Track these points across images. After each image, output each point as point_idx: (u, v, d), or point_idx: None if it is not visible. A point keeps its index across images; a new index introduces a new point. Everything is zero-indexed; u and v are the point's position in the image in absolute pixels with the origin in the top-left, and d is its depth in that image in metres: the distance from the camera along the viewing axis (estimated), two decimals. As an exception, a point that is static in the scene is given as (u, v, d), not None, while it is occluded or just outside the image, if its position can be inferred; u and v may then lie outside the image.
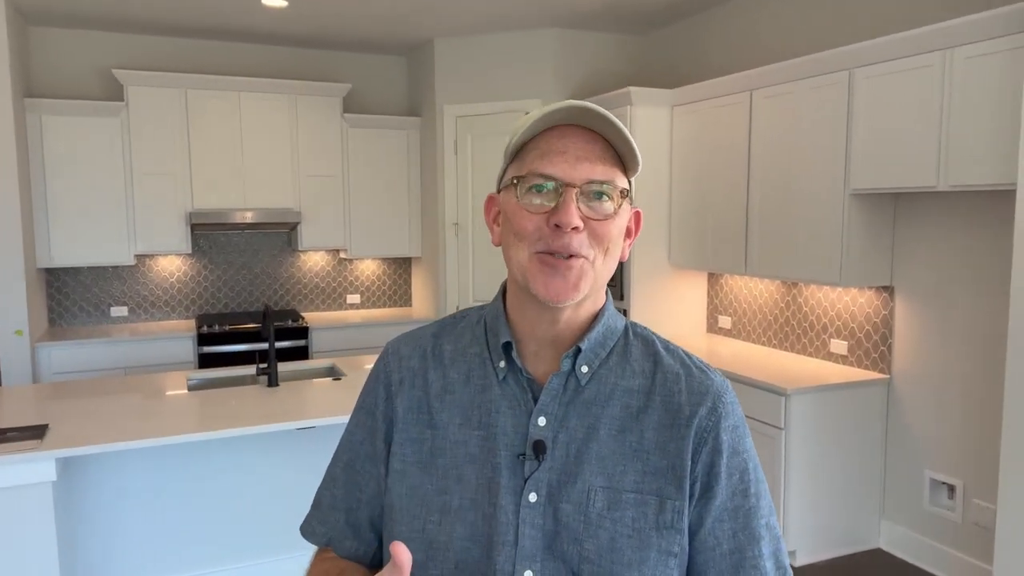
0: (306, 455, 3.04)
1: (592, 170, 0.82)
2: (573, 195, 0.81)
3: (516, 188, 0.84)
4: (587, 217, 0.82)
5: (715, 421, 0.86)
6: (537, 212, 0.82)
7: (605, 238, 0.83)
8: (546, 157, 0.82)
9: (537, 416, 0.85)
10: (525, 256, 0.83)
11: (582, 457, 0.84)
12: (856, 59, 3.12)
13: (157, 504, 2.87)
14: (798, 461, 3.27)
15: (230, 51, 5.20)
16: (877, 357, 3.45)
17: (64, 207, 4.61)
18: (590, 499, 0.82)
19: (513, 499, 0.83)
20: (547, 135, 0.84)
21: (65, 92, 4.81)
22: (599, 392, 0.87)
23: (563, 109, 0.82)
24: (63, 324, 4.95)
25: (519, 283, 0.85)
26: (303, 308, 5.56)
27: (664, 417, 0.86)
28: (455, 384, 0.90)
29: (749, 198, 3.77)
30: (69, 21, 4.65)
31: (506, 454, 0.85)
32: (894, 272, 3.36)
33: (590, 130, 0.84)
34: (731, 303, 4.38)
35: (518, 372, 0.88)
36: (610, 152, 0.84)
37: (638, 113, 4.25)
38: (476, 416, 0.88)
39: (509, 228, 0.85)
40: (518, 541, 0.82)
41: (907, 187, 2.95)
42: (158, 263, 5.15)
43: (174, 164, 4.83)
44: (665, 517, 0.83)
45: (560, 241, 0.81)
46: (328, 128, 5.20)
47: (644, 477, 0.84)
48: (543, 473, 0.84)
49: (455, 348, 0.93)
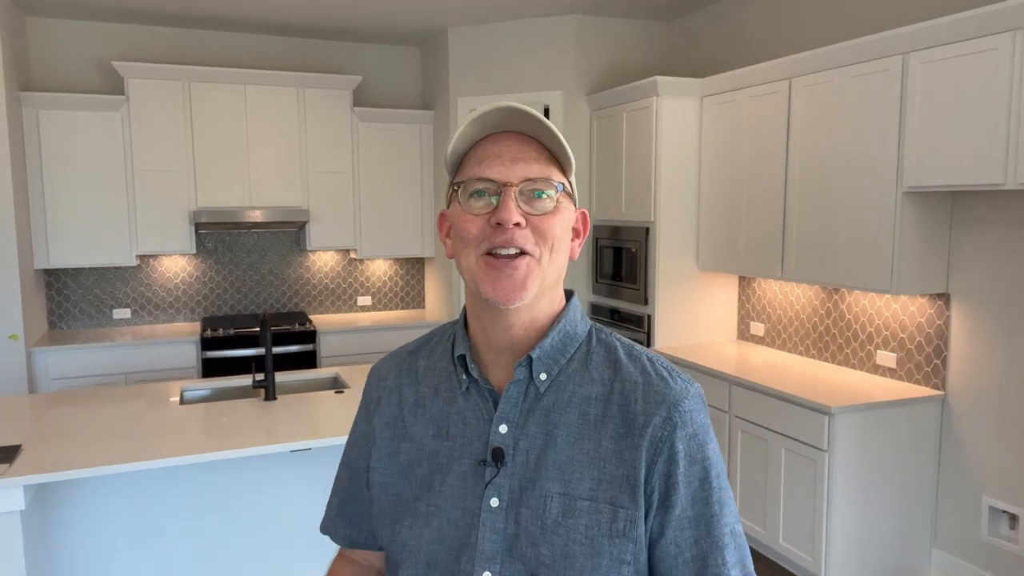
0: (302, 478, 2.79)
1: (528, 169, 0.85)
2: (512, 193, 0.84)
3: (458, 195, 0.87)
4: (528, 214, 0.84)
5: (670, 431, 0.85)
6: (479, 214, 0.85)
7: (548, 234, 0.85)
8: (483, 163, 0.85)
9: (498, 423, 0.88)
10: (472, 259, 0.85)
11: (541, 464, 0.86)
12: (911, 42, 2.81)
13: (143, 530, 2.65)
14: (842, 485, 2.98)
15: (235, 42, 4.97)
16: (930, 371, 3.15)
17: (63, 205, 4.42)
18: (546, 505, 0.84)
19: (476, 504, 0.86)
20: (482, 143, 0.87)
21: (64, 85, 4.62)
22: (557, 399, 0.88)
23: (490, 113, 0.85)
24: (63, 327, 4.76)
25: (471, 290, 0.88)
26: (312, 310, 5.34)
27: (621, 426, 0.86)
28: (426, 398, 0.95)
29: (787, 196, 3.47)
30: (68, 11, 4.44)
31: (471, 462, 0.88)
32: (950, 278, 3.05)
33: (523, 134, 0.87)
34: (764, 308, 4.08)
35: (478, 383, 0.90)
36: (545, 153, 0.87)
37: (665, 104, 3.96)
38: (445, 427, 0.91)
39: (456, 236, 0.88)
40: (478, 543, 0.85)
41: (970, 185, 2.64)
42: (162, 263, 4.95)
43: (177, 160, 4.61)
44: (618, 526, 0.83)
45: (503, 237, 0.83)
46: (337, 122, 4.96)
47: (599, 485, 0.84)
48: (504, 479, 0.86)
49: (427, 363, 0.97)
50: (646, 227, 4.09)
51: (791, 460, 3.13)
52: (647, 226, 4.09)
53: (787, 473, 3.16)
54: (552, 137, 0.86)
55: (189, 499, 2.68)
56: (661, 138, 3.98)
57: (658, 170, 3.99)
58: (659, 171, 3.99)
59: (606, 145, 4.45)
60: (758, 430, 3.30)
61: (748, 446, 3.38)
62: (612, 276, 4.39)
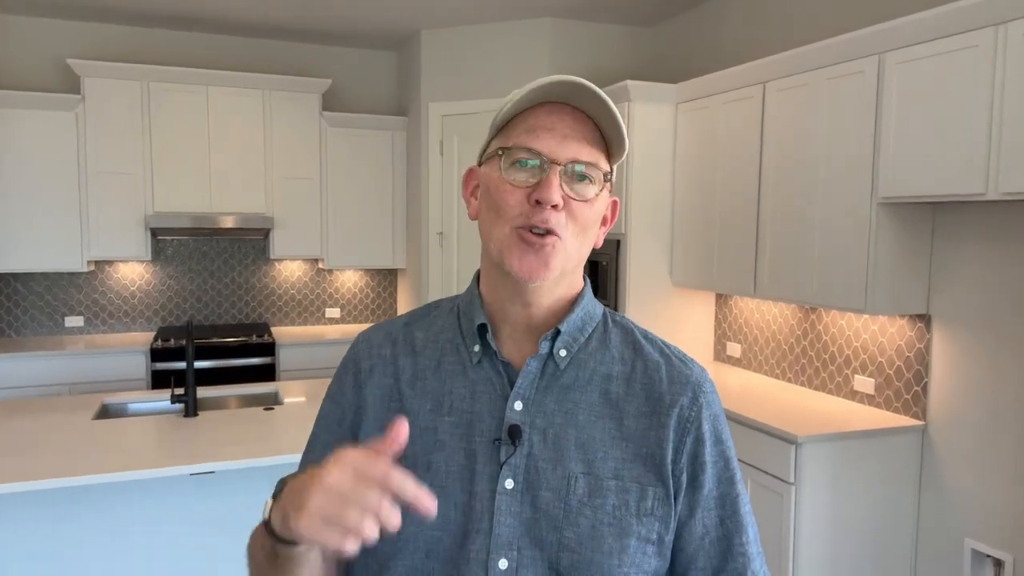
0: (204, 505, 2.53)
1: (579, 150, 0.82)
2: (557, 172, 0.80)
3: (500, 160, 0.83)
4: (567, 197, 0.81)
5: (697, 411, 0.86)
6: (520, 187, 0.81)
7: (582, 220, 0.83)
8: (533, 132, 0.82)
9: (513, 400, 0.84)
10: (506, 231, 0.82)
11: (560, 443, 0.83)
12: (886, 41, 2.59)
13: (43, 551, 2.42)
14: (811, 523, 2.72)
15: (198, 42, 4.80)
16: (910, 399, 2.89)
17: (13, 207, 4.24)
18: (570, 486, 0.81)
19: (489, 485, 0.81)
20: (536, 111, 0.83)
21: (18, 83, 4.45)
22: (578, 377, 0.86)
23: (556, 83, 0.80)
24: (12, 334, 4.57)
25: (494, 259, 0.84)
26: (277, 322, 5.13)
27: (644, 405, 0.85)
28: (426, 371, 0.89)
29: (760, 207, 3.24)
30: (23, 7, 4.29)
31: (481, 440, 0.83)
32: (931, 298, 2.81)
33: (580, 111, 0.83)
34: (741, 328, 3.83)
35: (493, 356, 0.87)
36: (597, 135, 0.84)
37: (637, 111, 3.74)
38: (447, 402, 0.86)
39: (489, 202, 0.84)
40: (493, 529, 0.80)
41: (948, 195, 2.40)
42: (118, 270, 4.76)
43: (134, 163, 4.43)
44: (646, 504, 0.82)
45: (539, 216, 0.80)
46: (305, 127, 4.78)
47: (624, 464, 0.83)
48: (519, 459, 0.82)
49: (426, 336, 0.92)
50: (617, 240, 3.86)
51: (757, 493, 2.88)
52: (618, 239, 3.86)
53: (754, 506, 2.90)
54: (611, 120, 0.82)
55: (94, 522, 2.45)
56: (633, 145, 3.76)
57: (629, 180, 3.77)
58: (630, 181, 3.77)
59: (579, 153, 4.24)
60: (724, 459, 3.05)
61: (714, 476, 3.13)
62: (584, 291, 4.16)
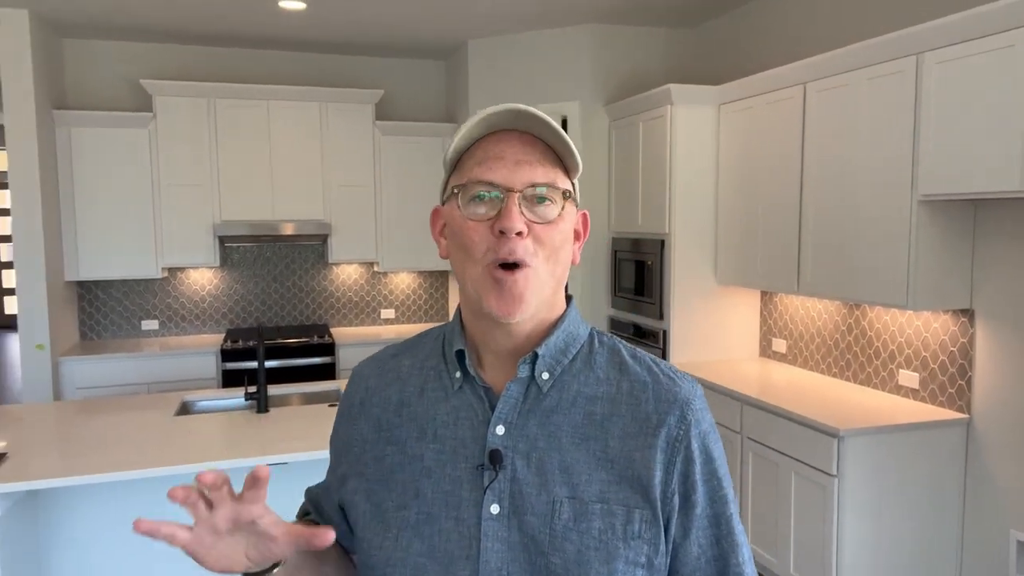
0: (280, 492, 2.74)
1: (532, 173, 0.81)
2: (515, 200, 0.79)
3: (458, 198, 0.83)
4: (531, 222, 0.80)
5: (685, 430, 0.84)
6: (482, 220, 0.81)
7: (550, 243, 0.82)
8: (484, 163, 0.81)
9: (495, 425, 0.83)
10: (479, 271, 0.81)
11: (544, 467, 0.82)
12: (923, 42, 2.63)
13: (130, 538, 2.66)
14: (855, 515, 2.79)
15: (257, 58, 5.07)
16: (954, 393, 2.93)
17: (93, 219, 4.57)
18: (555, 511, 0.80)
19: (475, 512, 0.81)
20: (484, 142, 0.83)
21: (96, 103, 4.78)
22: (561, 400, 0.84)
23: (496, 113, 0.81)
24: (94, 337, 4.91)
25: (472, 298, 0.83)
26: (336, 323, 5.37)
27: (631, 425, 0.84)
28: (411, 398, 0.89)
29: (802, 206, 3.30)
30: (100, 32, 4.61)
31: (465, 466, 0.83)
32: (974, 293, 2.84)
33: (527, 133, 0.82)
34: (786, 325, 3.89)
35: (473, 381, 0.86)
36: (550, 154, 0.83)
37: (679, 113, 3.83)
38: (431, 429, 0.86)
39: (456, 242, 0.84)
40: (480, 555, 0.79)
41: (988, 192, 2.44)
42: (189, 276, 5.06)
43: (202, 175, 4.72)
44: (633, 527, 0.80)
45: (505, 248, 0.79)
46: (359, 136, 5.00)
47: (610, 487, 0.81)
48: (504, 484, 0.81)
49: (412, 363, 0.92)
50: (661, 240, 3.96)
51: (801, 485, 2.95)
52: (662, 239, 3.95)
53: (797, 499, 2.98)
54: (557, 138, 0.82)
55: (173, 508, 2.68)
56: (676, 147, 3.85)
57: (672, 181, 3.87)
58: (673, 182, 3.87)
59: (623, 155, 4.35)
60: (769, 452, 3.13)
61: (759, 469, 3.21)
62: (633, 290, 4.27)
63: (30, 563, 2.52)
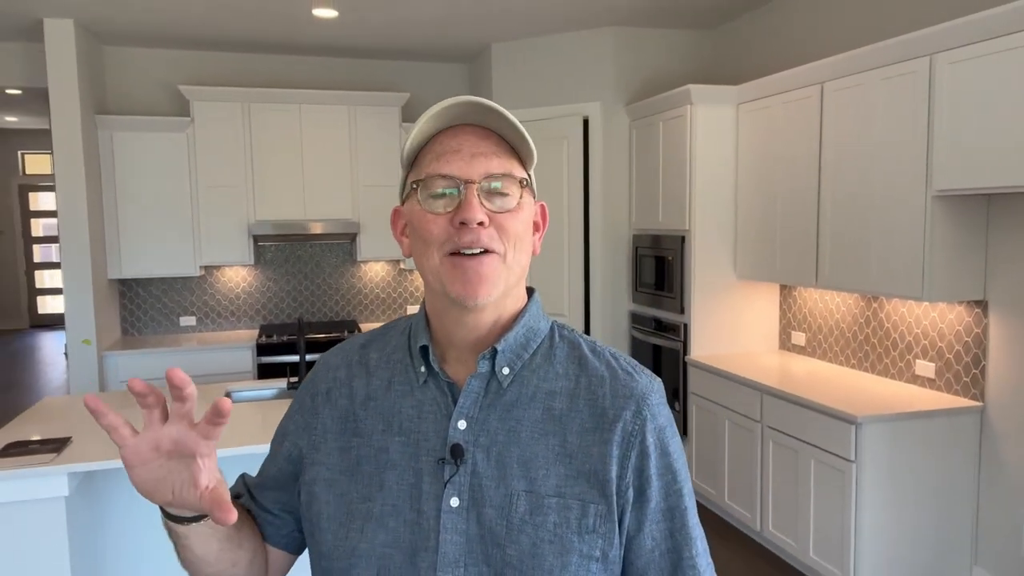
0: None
1: (488, 164, 0.82)
2: (474, 191, 0.81)
3: (418, 194, 0.84)
4: (491, 213, 0.82)
5: (640, 424, 0.85)
6: (441, 214, 0.82)
7: (512, 232, 0.83)
8: (442, 158, 0.82)
9: (457, 419, 0.85)
10: (436, 260, 0.83)
11: (504, 461, 0.83)
12: (936, 43, 2.74)
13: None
14: (873, 499, 2.89)
15: (290, 64, 5.25)
16: (969, 381, 3.02)
17: (134, 220, 4.76)
18: (512, 504, 0.82)
19: (435, 504, 0.83)
20: (439, 137, 0.84)
21: (136, 108, 4.98)
22: (521, 394, 0.86)
23: (450, 107, 0.82)
24: (135, 333, 5.11)
25: (436, 290, 0.85)
26: (364, 319, 5.53)
27: (588, 420, 0.85)
28: (378, 391, 0.90)
29: (820, 202, 3.41)
30: (140, 40, 4.81)
31: (427, 459, 0.85)
32: (988, 284, 2.93)
33: (481, 127, 0.84)
34: (805, 318, 3.99)
35: (438, 376, 0.87)
36: (505, 146, 0.85)
37: (699, 112, 3.95)
38: (397, 422, 0.87)
39: (416, 236, 0.85)
40: (439, 547, 0.81)
41: (1001, 187, 2.54)
42: (224, 274, 5.25)
43: (237, 177, 4.90)
44: (588, 521, 0.82)
45: (468, 238, 0.81)
46: (386, 138, 5.16)
47: (566, 481, 0.83)
48: (463, 477, 0.83)
49: (380, 356, 0.93)
50: (681, 236, 4.08)
51: (820, 471, 3.06)
52: (682, 235, 4.07)
53: (816, 484, 3.09)
54: (512, 129, 0.83)
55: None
56: (695, 146, 3.97)
57: (692, 178, 3.98)
58: (693, 179, 3.98)
59: (644, 155, 4.47)
60: (788, 440, 3.24)
61: (779, 457, 3.32)
62: (653, 286, 4.39)
63: (94, 537, 2.70)
